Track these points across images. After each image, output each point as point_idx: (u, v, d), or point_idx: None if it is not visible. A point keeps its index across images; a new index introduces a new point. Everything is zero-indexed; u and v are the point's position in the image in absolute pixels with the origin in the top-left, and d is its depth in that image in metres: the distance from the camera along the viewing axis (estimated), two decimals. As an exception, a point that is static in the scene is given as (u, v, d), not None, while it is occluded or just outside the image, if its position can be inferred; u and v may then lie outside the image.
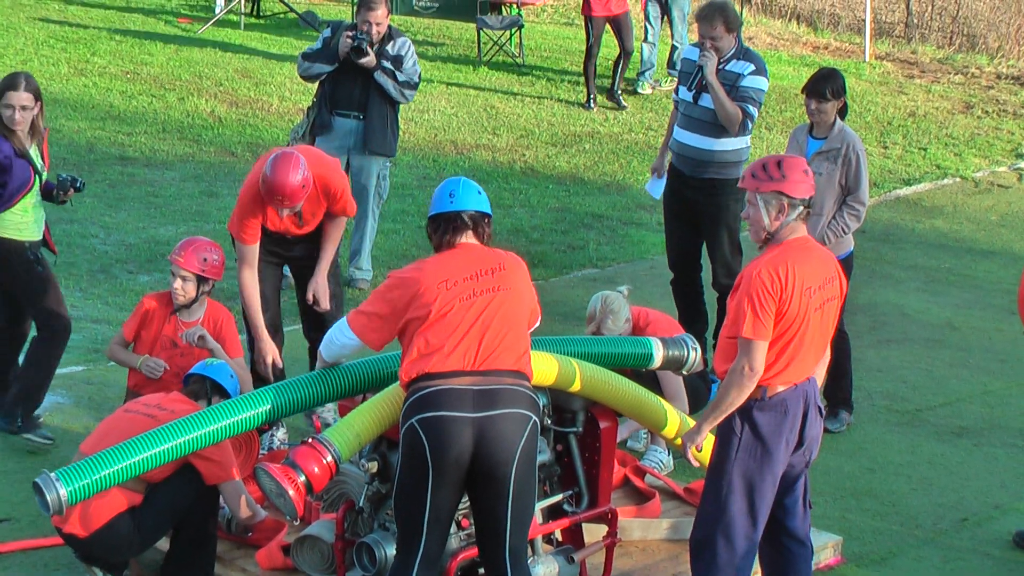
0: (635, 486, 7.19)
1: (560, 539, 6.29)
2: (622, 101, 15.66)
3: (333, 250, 7.72)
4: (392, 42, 9.84)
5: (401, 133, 10.70)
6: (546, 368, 5.93)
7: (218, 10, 18.02)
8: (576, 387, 6.09)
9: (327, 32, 9.94)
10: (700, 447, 5.92)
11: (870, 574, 6.94)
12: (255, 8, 18.48)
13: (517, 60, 17.10)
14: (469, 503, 5.61)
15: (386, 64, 9.76)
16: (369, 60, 9.69)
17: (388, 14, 9.83)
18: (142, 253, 10.87)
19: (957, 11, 20.53)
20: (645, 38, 16.11)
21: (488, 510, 5.49)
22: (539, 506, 6.03)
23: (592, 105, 15.65)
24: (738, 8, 17.92)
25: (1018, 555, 7.22)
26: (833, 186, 8.13)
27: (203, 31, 17.42)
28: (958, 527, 7.48)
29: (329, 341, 5.91)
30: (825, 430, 6.64)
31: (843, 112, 8.25)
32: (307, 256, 7.72)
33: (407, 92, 9.93)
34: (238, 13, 18.10)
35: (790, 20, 20.66)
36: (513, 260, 5.69)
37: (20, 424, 7.67)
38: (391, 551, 5.73)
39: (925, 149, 15.23)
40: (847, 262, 8.11)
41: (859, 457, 8.22)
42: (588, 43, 15.54)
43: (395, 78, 9.79)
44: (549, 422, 6.12)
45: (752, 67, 8.53)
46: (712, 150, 8.64)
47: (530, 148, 14.32)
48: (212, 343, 7.09)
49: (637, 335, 7.39)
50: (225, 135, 13.93)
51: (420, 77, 10.07)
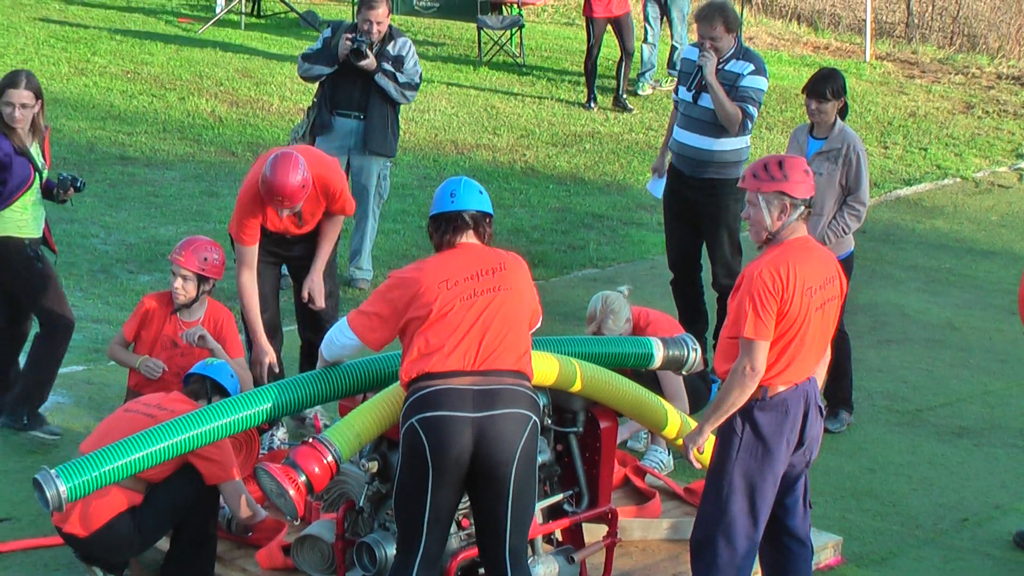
0: (635, 486, 7.18)
1: (560, 539, 6.28)
2: (628, 105, 15.64)
3: (329, 248, 7.71)
4: (393, 42, 9.82)
5: (401, 133, 10.69)
6: (547, 368, 5.92)
7: (218, 10, 18.02)
8: (577, 387, 6.09)
9: (327, 32, 9.91)
10: (702, 449, 5.93)
11: (870, 574, 6.94)
12: (255, 8, 18.48)
13: (518, 60, 17.09)
14: (469, 503, 5.61)
15: (387, 67, 9.74)
16: (369, 63, 9.68)
17: (389, 13, 9.80)
18: (142, 253, 10.86)
19: (958, 11, 20.53)
20: (645, 39, 16.11)
21: (488, 510, 5.49)
22: (539, 506, 6.02)
23: (592, 105, 15.64)
24: (739, 8, 17.94)
25: (1018, 555, 7.22)
26: (833, 186, 8.12)
27: (203, 31, 17.42)
28: (958, 527, 7.48)
29: (329, 341, 5.91)
30: (825, 430, 6.64)
31: (843, 112, 8.25)
32: (306, 256, 7.71)
33: (408, 93, 9.91)
34: (238, 13, 18.10)
35: (791, 20, 20.66)
36: (514, 260, 5.69)
37: (26, 422, 7.69)
38: (391, 551, 5.73)
39: (925, 149, 15.23)
40: (847, 262, 8.10)
41: (859, 457, 8.22)
42: (589, 43, 15.54)
43: (396, 80, 9.77)
44: (549, 422, 6.12)
45: (751, 67, 8.53)
46: (712, 150, 8.64)
47: (530, 148, 14.32)
48: (212, 343, 7.08)
49: (637, 335, 7.38)
50: (225, 135, 13.93)
51: (421, 78, 10.05)
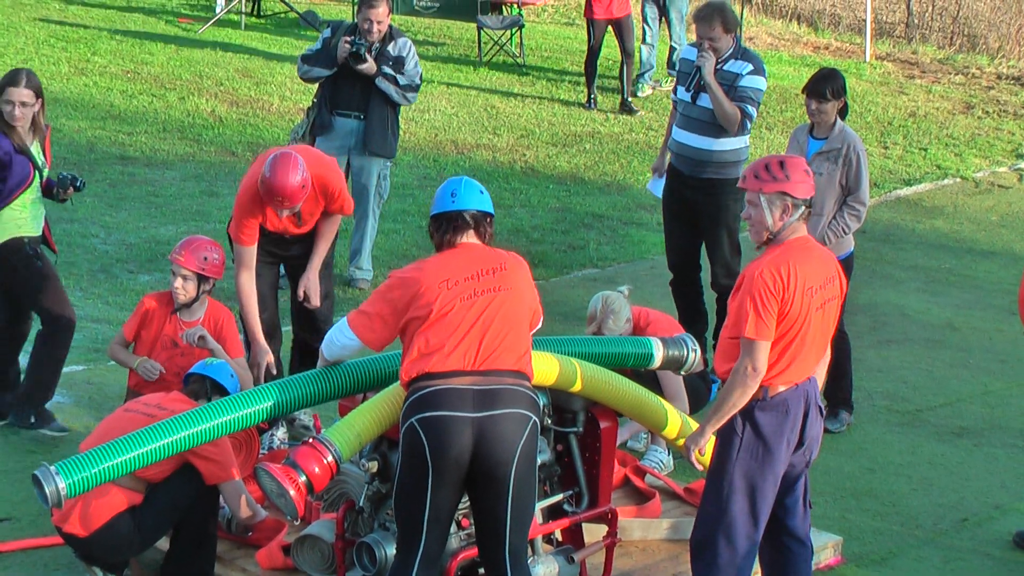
0: (635, 486, 7.18)
1: (560, 539, 6.28)
2: (633, 107, 15.62)
3: (326, 248, 7.68)
4: (393, 42, 9.81)
5: (401, 133, 10.69)
6: (547, 368, 5.92)
7: (218, 10, 18.03)
8: (577, 387, 6.08)
9: (327, 32, 9.90)
10: (703, 450, 5.93)
11: (870, 574, 6.94)
12: (255, 8, 18.49)
13: (518, 60, 17.10)
14: (469, 503, 5.61)
15: (387, 69, 9.72)
16: (368, 67, 9.66)
17: (389, 13, 9.79)
18: (142, 253, 10.86)
19: (958, 11, 20.53)
20: (644, 40, 16.11)
21: (488, 510, 5.49)
22: (539, 506, 6.02)
23: (592, 105, 15.64)
24: (739, 8, 17.96)
25: (1018, 555, 7.22)
26: (833, 186, 8.12)
27: (203, 31, 17.43)
28: (958, 527, 7.48)
29: (330, 341, 5.90)
30: (825, 430, 6.64)
31: (843, 112, 8.25)
32: (304, 255, 7.69)
33: (409, 95, 9.91)
34: (238, 13, 18.10)
35: (791, 20, 20.67)
36: (514, 260, 5.68)
37: (34, 420, 7.71)
38: (391, 551, 5.73)
39: (925, 149, 15.23)
40: (847, 262, 8.10)
41: (859, 457, 8.22)
42: (589, 44, 15.54)
43: (397, 83, 9.76)
44: (549, 422, 6.12)
45: (750, 67, 8.53)
46: (711, 150, 8.64)
47: (531, 148, 14.32)
48: (212, 343, 7.08)
49: (638, 335, 7.38)
50: (225, 135, 13.93)
51: (421, 78, 10.04)
